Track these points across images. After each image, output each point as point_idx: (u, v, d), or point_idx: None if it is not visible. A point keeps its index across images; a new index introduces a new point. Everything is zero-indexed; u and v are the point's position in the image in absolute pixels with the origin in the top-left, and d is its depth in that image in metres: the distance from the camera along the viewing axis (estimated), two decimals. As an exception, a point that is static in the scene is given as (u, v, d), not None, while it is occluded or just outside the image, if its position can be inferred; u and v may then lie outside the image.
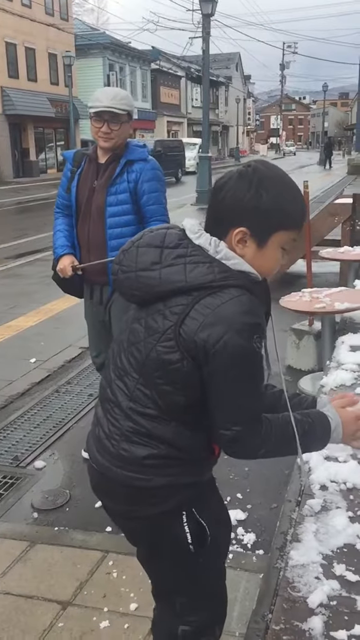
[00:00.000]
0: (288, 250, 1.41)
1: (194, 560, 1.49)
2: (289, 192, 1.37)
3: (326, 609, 1.47)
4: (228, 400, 1.33)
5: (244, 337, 1.27)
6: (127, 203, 2.92)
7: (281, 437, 1.38)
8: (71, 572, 2.51)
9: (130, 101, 2.95)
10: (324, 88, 49.23)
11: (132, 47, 39.75)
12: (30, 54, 29.92)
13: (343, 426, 1.43)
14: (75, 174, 3.03)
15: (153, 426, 1.39)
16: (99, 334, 3.27)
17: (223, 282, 1.31)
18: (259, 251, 1.36)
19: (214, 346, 1.28)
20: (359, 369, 2.98)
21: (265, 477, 3.18)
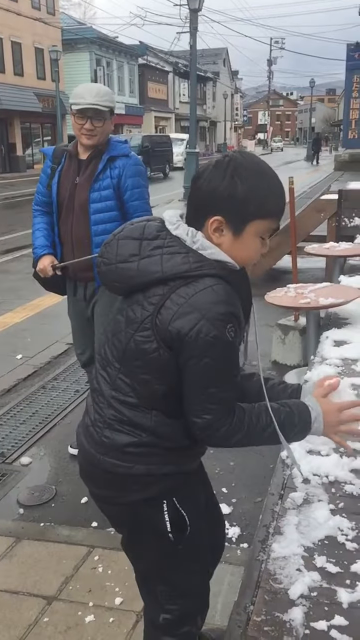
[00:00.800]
0: (265, 240, 1.41)
1: (174, 549, 1.52)
2: (265, 181, 1.36)
3: (307, 600, 1.48)
4: (200, 389, 1.35)
5: (216, 327, 1.29)
6: (110, 199, 2.91)
7: (255, 427, 1.40)
8: (57, 568, 2.52)
9: (112, 97, 2.94)
10: (311, 84, 49.35)
11: (119, 42, 39.56)
12: (16, 49, 29.69)
13: (324, 417, 1.43)
14: (56, 171, 3.00)
15: (134, 414, 1.43)
16: (83, 331, 3.26)
17: (198, 272, 1.33)
18: (235, 240, 1.37)
19: (187, 335, 1.30)
20: (343, 363, 3.01)
21: (251, 472, 3.20)
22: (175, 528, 1.49)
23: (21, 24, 29.19)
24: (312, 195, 15.08)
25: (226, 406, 1.37)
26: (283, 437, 1.42)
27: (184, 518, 1.49)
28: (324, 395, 1.46)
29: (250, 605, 1.49)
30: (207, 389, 1.35)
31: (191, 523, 1.51)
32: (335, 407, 1.45)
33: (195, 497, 1.57)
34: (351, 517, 1.80)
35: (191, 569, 1.59)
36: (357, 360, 3.04)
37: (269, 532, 1.75)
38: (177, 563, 1.56)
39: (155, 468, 1.44)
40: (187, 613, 1.63)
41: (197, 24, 18.28)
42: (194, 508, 1.53)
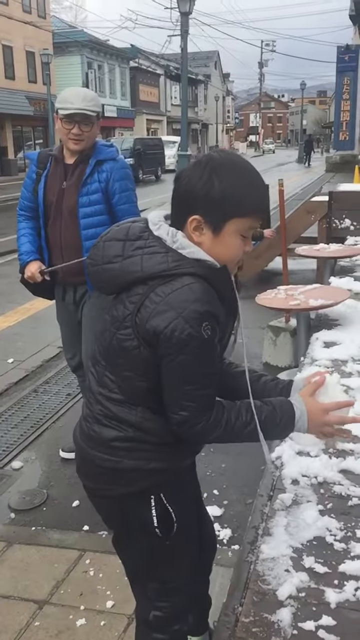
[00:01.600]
0: (247, 239, 1.41)
1: (161, 545, 1.53)
2: (243, 179, 1.37)
3: (295, 601, 1.50)
4: (176, 385, 1.37)
5: (192, 325, 1.31)
6: (99, 203, 2.90)
7: (234, 424, 1.41)
8: (48, 572, 2.52)
9: (99, 102, 2.94)
10: (302, 86, 49.42)
11: (110, 45, 39.56)
12: (7, 52, 29.63)
13: (308, 416, 1.44)
14: (42, 175, 2.97)
15: (119, 410, 1.46)
16: (73, 336, 3.23)
17: (175, 271, 1.34)
18: (215, 239, 1.39)
19: (162, 332, 1.33)
20: (332, 364, 3.03)
21: (242, 473, 3.21)
22: (162, 524, 1.50)
23: (12, 27, 29.14)
24: (303, 196, 15.14)
25: (203, 403, 1.39)
26: (263, 435, 1.43)
27: (171, 514, 1.50)
28: (311, 393, 1.47)
29: (239, 606, 1.50)
30: (183, 386, 1.37)
31: (178, 520, 1.52)
32: (320, 407, 1.45)
33: (184, 495, 1.58)
34: (340, 518, 1.82)
35: (180, 566, 1.60)
36: (347, 361, 3.06)
37: (258, 534, 1.76)
38: (165, 559, 1.57)
39: (142, 463, 1.46)
40: (178, 611, 1.63)
41: (188, 27, 18.32)
42: (182, 505, 1.54)
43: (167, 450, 1.48)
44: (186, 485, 1.60)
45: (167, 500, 1.50)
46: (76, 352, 3.25)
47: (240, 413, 1.42)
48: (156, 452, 1.47)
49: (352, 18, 26.26)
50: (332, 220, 6.84)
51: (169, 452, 1.48)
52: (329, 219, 6.85)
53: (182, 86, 18.84)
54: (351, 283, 4.54)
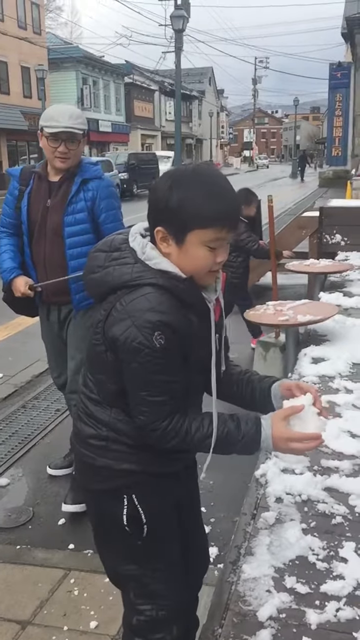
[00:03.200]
0: (218, 249, 1.41)
1: (133, 545, 1.57)
2: (203, 190, 1.37)
3: (275, 622, 1.48)
4: (132, 391, 1.44)
5: (143, 333, 1.36)
6: (85, 222, 2.85)
7: (193, 436, 1.44)
8: (32, 591, 2.49)
9: (85, 119, 2.89)
10: (295, 102, 50.03)
11: (105, 61, 39.91)
12: (2, 67, 29.83)
13: (273, 440, 1.44)
14: (24, 192, 2.91)
15: (96, 409, 1.54)
16: (58, 355, 3.17)
17: (138, 281, 1.40)
18: (180, 250, 1.41)
19: (118, 340, 1.40)
20: (320, 380, 3.03)
21: (230, 490, 3.19)
22: (131, 523, 1.54)
23: (7, 43, 29.36)
24: (296, 212, 15.22)
25: (157, 410, 1.42)
26: (223, 450, 1.46)
27: (141, 516, 1.54)
28: (285, 417, 1.46)
29: (219, 628, 1.49)
30: (138, 392, 1.43)
31: (149, 522, 1.54)
32: (284, 436, 1.44)
33: (161, 500, 1.59)
34: (322, 537, 1.81)
35: (155, 569, 1.60)
36: (334, 377, 3.07)
37: (240, 553, 1.75)
38: (139, 560, 1.60)
39: (114, 463, 1.52)
40: (160, 618, 1.62)
41: (181, 44, 18.56)
42: (155, 509, 1.56)
43: (140, 453, 1.51)
44: (164, 491, 1.60)
45: (139, 501, 1.53)
46: (62, 371, 3.20)
47: (202, 425, 1.44)
48: (129, 454, 1.51)
49: (344, 36, 26.63)
50: (323, 236, 6.89)
51: (142, 456, 1.52)
52: (319, 234, 6.90)
53: (175, 102, 19.03)
54: (340, 299, 4.56)
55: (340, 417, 2.59)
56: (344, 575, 1.63)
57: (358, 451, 2.30)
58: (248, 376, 1.65)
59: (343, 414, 2.62)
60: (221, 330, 1.56)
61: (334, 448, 2.33)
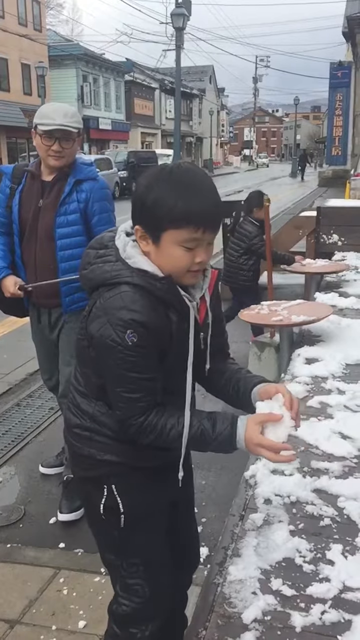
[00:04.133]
0: (196, 249, 1.40)
1: (112, 534, 1.62)
2: (176, 189, 1.36)
3: (260, 625, 1.47)
4: (109, 386, 1.48)
5: (116, 331, 1.39)
6: (77, 224, 2.79)
7: (168, 434, 1.45)
8: (21, 590, 2.49)
9: (80, 118, 2.85)
10: (296, 101, 50.00)
11: (105, 59, 39.86)
12: (2, 64, 29.81)
13: (245, 442, 1.44)
14: (16, 191, 2.85)
15: (82, 401, 1.59)
16: (49, 357, 3.14)
17: (116, 279, 1.42)
18: (157, 249, 1.42)
19: (95, 337, 1.44)
20: (312, 381, 3.02)
21: (222, 490, 3.19)
22: (108, 512, 1.59)
23: (7, 40, 29.32)
24: (295, 211, 15.20)
25: (132, 406, 1.44)
26: (198, 448, 1.48)
27: (119, 506, 1.57)
28: (261, 422, 1.44)
29: (203, 630, 1.48)
30: (114, 387, 1.46)
31: (127, 514, 1.57)
32: (255, 440, 1.42)
33: (142, 494, 1.60)
34: (310, 539, 1.80)
35: (131, 562, 1.64)
36: (327, 378, 3.06)
37: (227, 555, 1.74)
38: (116, 550, 1.65)
39: (97, 453, 1.56)
40: (139, 614, 1.65)
41: (182, 42, 18.52)
42: (135, 502, 1.59)
43: (121, 446, 1.54)
44: (145, 486, 1.60)
45: (118, 492, 1.57)
46: (53, 373, 3.16)
47: (177, 422, 1.45)
48: (111, 446, 1.55)
49: (345, 35, 26.61)
50: (320, 236, 6.88)
51: (123, 449, 1.54)
52: (317, 234, 6.89)
53: (175, 100, 19.01)
54: (336, 299, 4.55)
55: (332, 419, 2.58)
56: (330, 577, 1.62)
57: (349, 453, 2.29)
58: (238, 374, 1.64)
59: (335, 415, 2.61)
60: (207, 329, 1.55)
61: (324, 449, 2.32)
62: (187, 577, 1.89)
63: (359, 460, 2.25)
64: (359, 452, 2.30)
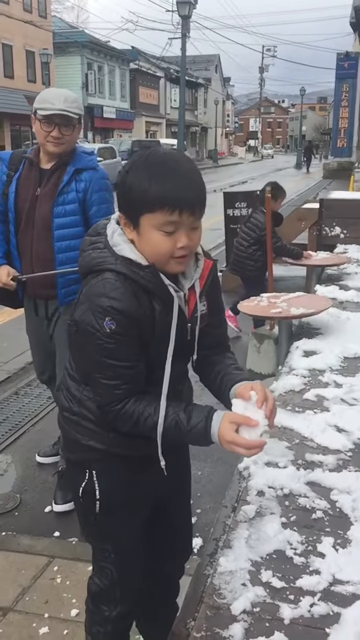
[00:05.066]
0: (176, 234, 1.37)
1: (89, 518, 1.66)
2: (150, 173, 1.35)
3: (249, 616, 1.48)
4: (90, 372, 1.50)
5: (95, 318, 1.40)
6: (75, 214, 2.71)
7: (146, 421, 1.45)
8: (15, 578, 2.49)
9: (81, 104, 2.76)
10: (302, 92, 49.60)
11: (111, 46, 39.56)
12: (7, 51, 29.61)
13: (219, 438, 1.42)
14: (13, 178, 2.75)
15: (72, 385, 1.61)
16: (43, 350, 3.04)
17: (100, 267, 1.43)
18: (138, 235, 1.42)
19: (78, 322, 1.46)
20: (309, 374, 3.02)
21: (218, 482, 3.19)
22: (86, 496, 1.62)
23: (12, 26, 29.11)
24: (298, 203, 15.13)
25: (110, 393, 1.46)
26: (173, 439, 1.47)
27: (95, 491, 1.60)
28: (235, 422, 1.40)
29: (192, 620, 1.48)
30: (94, 373, 1.48)
31: (102, 501, 1.60)
32: (227, 438, 1.40)
33: (118, 482, 1.61)
34: (302, 531, 1.80)
35: (104, 548, 1.68)
36: (324, 371, 3.05)
37: (218, 546, 1.74)
38: (93, 533, 1.70)
39: (82, 438, 1.58)
40: (104, 593, 1.71)
41: (187, 30, 18.37)
42: (113, 489, 1.61)
43: (104, 432, 1.55)
44: (125, 475, 1.61)
45: (97, 478, 1.60)
46: (46, 367, 3.10)
47: (154, 412, 1.45)
48: (95, 432, 1.56)
49: (353, 25, 26.34)
50: (323, 228, 6.85)
51: (107, 437, 1.55)
52: (319, 227, 6.86)
53: (180, 89, 18.89)
54: (336, 291, 4.54)
55: (328, 412, 2.58)
56: (320, 570, 1.63)
57: (343, 446, 2.29)
58: (226, 369, 1.61)
59: (331, 408, 2.61)
60: (196, 321, 1.52)
61: (319, 442, 2.33)
62: (178, 566, 1.89)
63: (353, 454, 2.25)
64: (353, 446, 2.31)
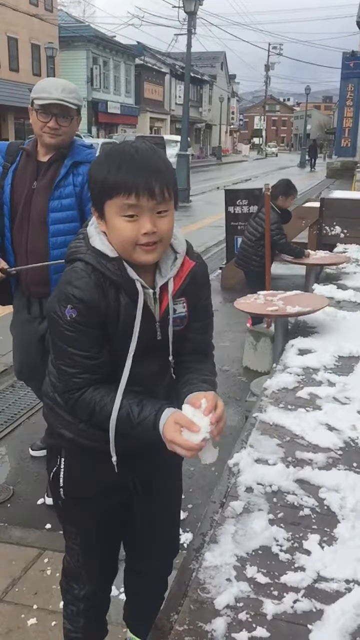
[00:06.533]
0: (140, 220, 1.38)
1: (55, 498, 1.73)
2: (109, 162, 1.38)
3: (232, 611, 1.48)
4: (54, 358, 1.53)
5: (59, 305, 1.43)
6: (71, 209, 2.65)
7: (101, 411, 1.46)
8: (5, 569, 2.51)
9: (79, 95, 2.68)
10: (307, 91, 49.55)
11: (116, 41, 39.49)
12: (12, 44, 29.59)
13: (164, 433, 1.42)
14: (9, 169, 2.69)
15: (52, 370, 1.63)
16: (28, 350, 2.96)
17: (72, 256, 1.47)
18: (107, 225, 1.43)
19: (47, 309, 1.53)
20: (303, 372, 3.02)
21: (210, 478, 3.20)
22: (53, 480, 1.68)
23: (18, 19, 29.08)
24: (300, 201, 15.12)
25: (69, 381, 1.48)
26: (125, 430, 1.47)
27: (59, 478, 1.65)
28: (179, 422, 1.39)
29: (175, 614, 1.49)
30: (56, 359, 1.51)
31: (66, 487, 1.65)
32: (168, 437, 1.40)
33: (82, 472, 1.64)
34: (289, 528, 1.81)
35: (70, 530, 1.77)
36: (318, 369, 3.05)
37: (205, 541, 1.75)
38: (60, 516, 1.79)
39: (55, 424, 1.62)
40: (70, 571, 1.82)
41: (192, 27, 18.32)
42: (75, 477, 1.65)
43: (73, 422, 1.56)
44: (89, 466, 1.61)
45: (64, 465, 1.64)
46: (34, 370, 2.97)
47: (110, 402, 1.45)
48: (66, 421, 1.58)
49: (359, 24, 26.26)
50: (323, 227, 6.85)
51: (77, 427, 1.56)
52: (319, 226, 6.86)
53: (184, 85, 18.85)
54: (334, 291, 4.53)
55: (320, 410, 2.58)
56: (305, 567, 1.63)
57: (334, 444, 2.29)
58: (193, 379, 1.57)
59: (323, 407, 2.61)
60: (166, 320, 1.50)
61: (310, 440, 2.33)
62: (164, 564, 1.89)
63: (343, 452, 2.26)
64: (344, 444, 2.31)
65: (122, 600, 2.02)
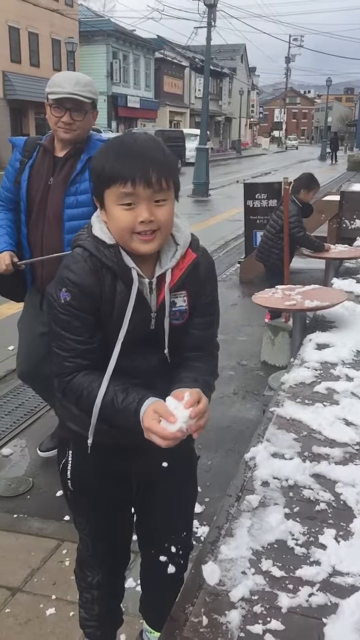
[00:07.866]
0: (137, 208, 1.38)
1: (64, 485, 1.75)
2: (108, 152, 1.41)
3: (246, 603, 1.49)
4: (50, 341, 1.53)
5: (55, 287, 1.47)
6: (87, 205, 2.58)
7: (88, 397, 1.46)
8: (24, 559, 2.55)
9: (95, 88, 2.63)
10: (328, 83, 48.99)
11: (136, 35, 39.46)
12: (33, 39, 29.74)
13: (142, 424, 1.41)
14: (26, 165, 2.67)
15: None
16: (33, 345, 2.94)
17: (75, 243, 1.51)
18: (107, 215, 1.45)
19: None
20: (321, 367, 3.01)
21: (228, 471, 3.20)
22: (62, 472, 1.72)
23: (38, 14, 29.22)
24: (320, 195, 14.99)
25: (61, 364, 1.49)
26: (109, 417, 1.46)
27: (67, 470, 1.69)
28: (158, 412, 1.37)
29: (190, 606, 1.50)
30: (51, 342, 1.52)
31: (73, 479, 1.70)
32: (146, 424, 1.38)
33: (87, 465, 1.65)
34: (304, 522, 1.81)
35: (78, 520, 1.82)
36: (336, 364, 3.04)
37: (220, 534, 1.76)
38: (70, 506, 1.83)
39: (63, 417, 1.64)
40: (83, 559, 1.87)
41: (212, 19, 18.21)
42: (81, 472, 1.68)
43: (80, 415, 1.54)
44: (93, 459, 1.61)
45: (72, 458, 1.68)
46: (29, 366, 3.02)
47: (97, 388, 1.45)
48: (73, 414, 1.57)
49: (381, 15, 25.87)
50: (343, 221, 6.80)
51: (83, 421, 1.52)
52: (339, 219, 6.81)
53: (204, 78, 18.76)
54: (353, 285, 4.51)
55: (337, 405, 2.58)
56: (320, 561, 1.64)
57: (351, 439, 2.29)
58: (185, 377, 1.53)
59: (340, 402, 2.61)
60: (163, 311, 1.48)
61: (327, 435, 2.32)
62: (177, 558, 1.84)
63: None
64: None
65: (139, 593, 2.03)
